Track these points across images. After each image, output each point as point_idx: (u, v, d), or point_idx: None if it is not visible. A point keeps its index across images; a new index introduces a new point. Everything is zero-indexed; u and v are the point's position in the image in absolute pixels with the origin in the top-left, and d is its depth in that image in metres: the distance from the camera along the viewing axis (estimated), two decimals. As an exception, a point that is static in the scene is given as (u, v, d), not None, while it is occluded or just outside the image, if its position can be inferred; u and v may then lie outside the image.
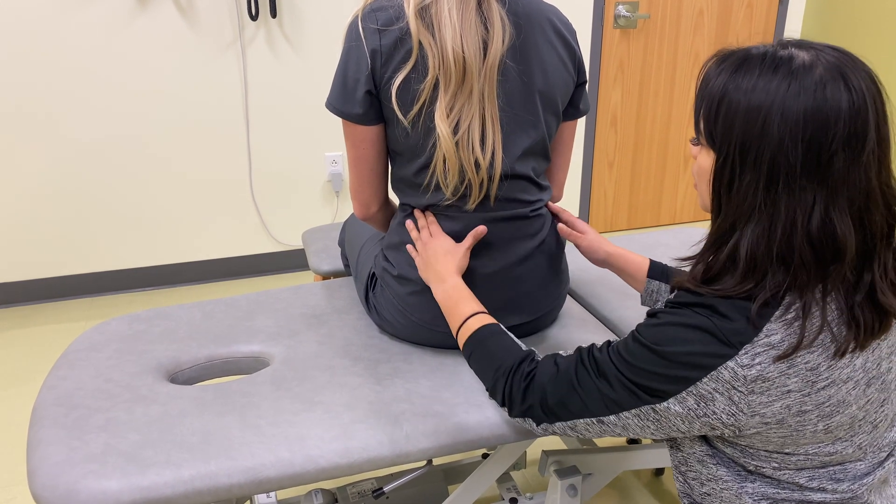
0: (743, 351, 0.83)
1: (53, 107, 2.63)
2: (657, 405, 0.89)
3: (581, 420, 0.97)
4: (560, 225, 1.34)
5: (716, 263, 0.88)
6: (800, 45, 0.84)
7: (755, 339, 0.83)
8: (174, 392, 1.22)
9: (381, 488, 1.53)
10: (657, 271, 1.31)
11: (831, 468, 0.91)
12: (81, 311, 2.81)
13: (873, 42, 3.16)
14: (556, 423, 1.00)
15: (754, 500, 0.93)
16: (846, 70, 0.80)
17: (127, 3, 2.58)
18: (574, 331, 1.41)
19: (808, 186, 0.80)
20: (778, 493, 0.92)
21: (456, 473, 1.75)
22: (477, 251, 1.28)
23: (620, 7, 3.22)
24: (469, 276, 1.28)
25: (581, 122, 3.37)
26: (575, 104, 1.35)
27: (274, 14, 2.73)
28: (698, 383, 0.85)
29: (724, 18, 3.41)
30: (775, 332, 0.83)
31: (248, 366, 1.36)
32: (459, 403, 1.19)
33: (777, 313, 0.83)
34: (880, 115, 0.81)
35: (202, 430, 1.11)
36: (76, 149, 2.70)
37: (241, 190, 2.96)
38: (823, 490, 0.91)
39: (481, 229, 1.26)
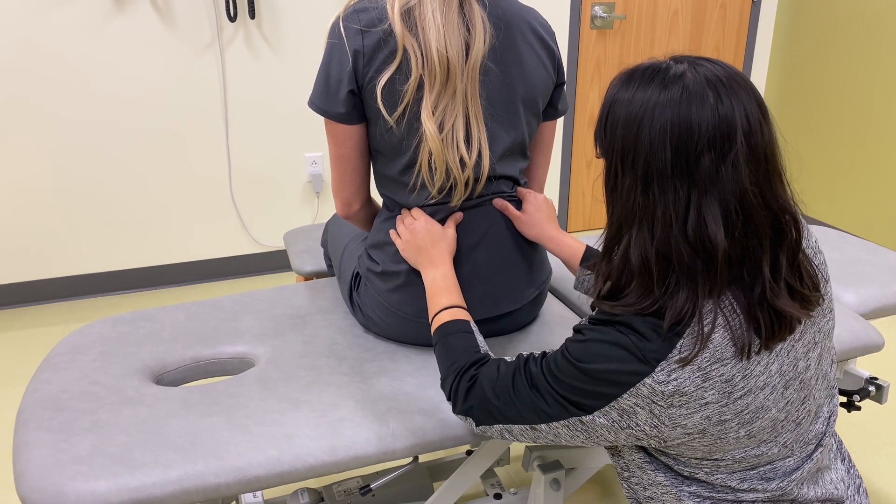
0: (659, 368, 0.86)
1: (29, 110, 2.60)
2: (584, 417, 0.93)
3: (516, 426, 1.01)
4: (496, 200, 1.32)
5: (612, 273, 0.92)
6: (682, 59, 0.89)
7: (669, 355, 0.86)
8: (160, 393, 1.22)
9: (368, 486, 1.54)
10: (591, 260, 1.31)
11: (761, 468, 0.95)
12: (61, 315, 2.79)
13: (844, 40, 3.23)
14: (494, 426, 1.04)
15: (694, 502, 0.97)
16: (716, 83, 0.84)
17: (104, 4, 2.57)
18: (556, 329, 1.43)
19: (681, 186, 0.85)
20: (713, 495, 0.96)
21: (441, 470, 1.76)
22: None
23: (597, 8, 3.26)
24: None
25: (560, 122, 3.40)
26: (554, 104, 1.38)
27: (252, 15, 2.73)
28: (619, 398, 0.89)
29: (699, 19, 3.46)
30: (687, 348, 0.86)
31: (234, 366, 1.37)
32: (444, 401, 1.20)
33: (688, 330, 0.87)
34: (753, 125, 0.84)
35: (189, 431, 1.12)
36: (55, 152, 2.68)
37: (220, 192, 2.95)
38: (755, 490, 0.95)
39: (458, 215, 1.29)
